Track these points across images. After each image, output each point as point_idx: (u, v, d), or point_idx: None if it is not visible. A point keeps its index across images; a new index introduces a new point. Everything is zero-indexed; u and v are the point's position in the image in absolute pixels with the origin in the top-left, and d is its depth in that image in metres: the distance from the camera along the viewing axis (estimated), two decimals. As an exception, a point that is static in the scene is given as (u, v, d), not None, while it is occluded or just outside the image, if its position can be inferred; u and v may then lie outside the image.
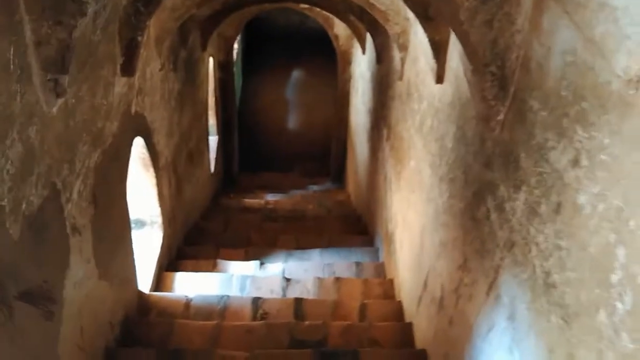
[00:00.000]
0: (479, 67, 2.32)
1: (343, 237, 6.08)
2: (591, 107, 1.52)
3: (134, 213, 4.62)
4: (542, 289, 1.79)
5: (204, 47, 6.40)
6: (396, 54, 4.70)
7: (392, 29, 4.30)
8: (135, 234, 4.61)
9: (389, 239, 4.94)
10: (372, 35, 5.78)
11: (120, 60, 3.28)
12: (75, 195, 2.76)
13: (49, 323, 2.48)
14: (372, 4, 4.14)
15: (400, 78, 4.55)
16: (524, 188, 2.01)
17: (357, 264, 5.15)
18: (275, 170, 11.63)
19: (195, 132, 6.36)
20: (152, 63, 4.21)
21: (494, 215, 2.37)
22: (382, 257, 5.32)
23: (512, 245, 2.12)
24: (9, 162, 2.00)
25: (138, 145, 4.11)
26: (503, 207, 2.25)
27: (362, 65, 7.46)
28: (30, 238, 2.26)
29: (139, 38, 3.24)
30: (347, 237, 6.10)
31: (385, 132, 5.36)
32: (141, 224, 4.71)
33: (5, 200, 2.01)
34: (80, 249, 2.86)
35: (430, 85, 3.65)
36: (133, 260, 3.94)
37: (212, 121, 8.41)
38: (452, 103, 3.17)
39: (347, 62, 8.95)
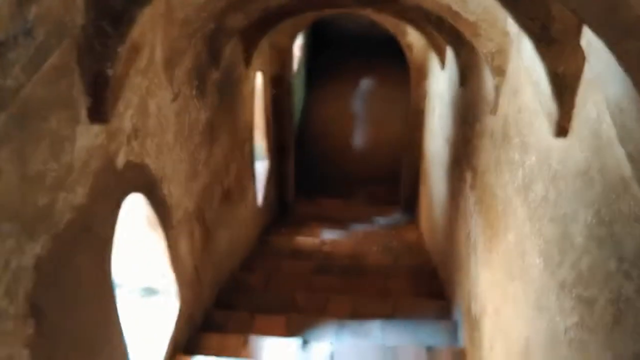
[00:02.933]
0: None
1: (412, 302, 4.83)
2: None
3: (142, 281, 3.68)
4: None
5: (247, 63, 5.34)
6: (488, 79, 3.47)
7: (484, 47, 3.08)
8: (145, 304, 3.67)
9: (473, 323, 3.71)
10: (454, 50, 4.53)
11: (86, 102, 2.27)
12: (-15, 321, 1.77)
13: None
14: (456, 13, 2.93)
15: (494, 112, 3.32)
16: None
17: (429, 349, 3.93)
18: (337, 195, 10.11)
19: (234, 165, 5.31)
20: (158, 93, 3.20)
21: None
22: (463, 339, 4.08)
23: None
24: None
25: (138, 203, 3.14)
26: None
27: (440, 82, 6.15)
28: None
29: (109, 71, 2.21)
30: (417, 302, 4.83)
31: (469, 177, 4.11)
32: (152, 292, 3.72)
33: None
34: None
35: (543, 134, 2.43)
36: (125, 356, 2.95)
37: (262, 143, 7.35)
38: (586, 174, 1.96)
39: (423, 76, 7.47)
